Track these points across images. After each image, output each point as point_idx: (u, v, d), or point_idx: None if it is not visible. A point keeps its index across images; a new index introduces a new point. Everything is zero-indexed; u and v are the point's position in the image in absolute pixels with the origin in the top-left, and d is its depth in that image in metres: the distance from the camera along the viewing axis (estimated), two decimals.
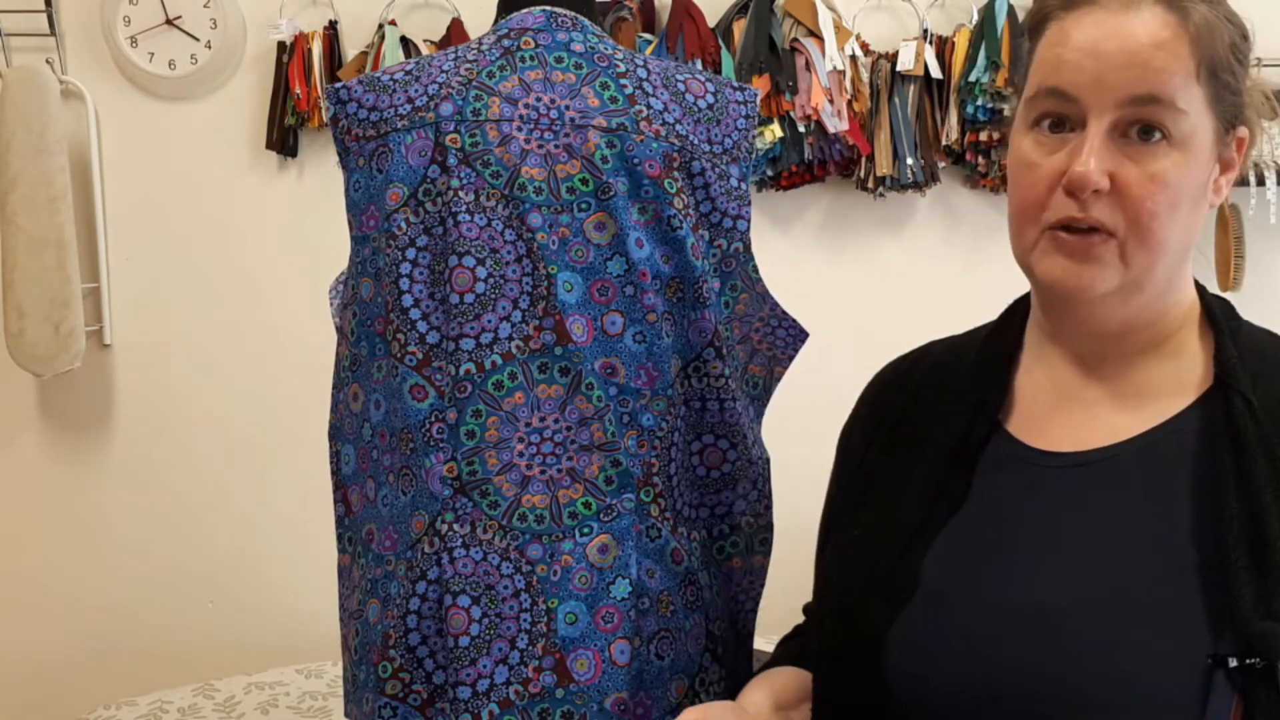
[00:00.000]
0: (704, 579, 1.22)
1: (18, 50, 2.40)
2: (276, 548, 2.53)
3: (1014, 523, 0.85)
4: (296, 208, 2.48)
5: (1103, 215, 0.79)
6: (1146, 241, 0.79)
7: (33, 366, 2.30)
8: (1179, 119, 0.78)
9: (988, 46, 2.33)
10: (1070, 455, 0.85)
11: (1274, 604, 0.72)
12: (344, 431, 1.25)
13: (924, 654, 0.82)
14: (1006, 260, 0.90)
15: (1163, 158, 0.79)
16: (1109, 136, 0.79)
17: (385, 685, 1.15)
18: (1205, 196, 0.83)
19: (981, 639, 0.80)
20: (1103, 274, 0.80)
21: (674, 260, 1.19)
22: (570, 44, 1.22)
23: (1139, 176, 0.78)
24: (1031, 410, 0.90)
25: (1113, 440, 0.84)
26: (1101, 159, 0.78)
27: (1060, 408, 0.88)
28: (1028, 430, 0.88)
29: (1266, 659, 0.70)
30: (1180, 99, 0.78)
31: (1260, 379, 0.80)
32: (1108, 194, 0.79)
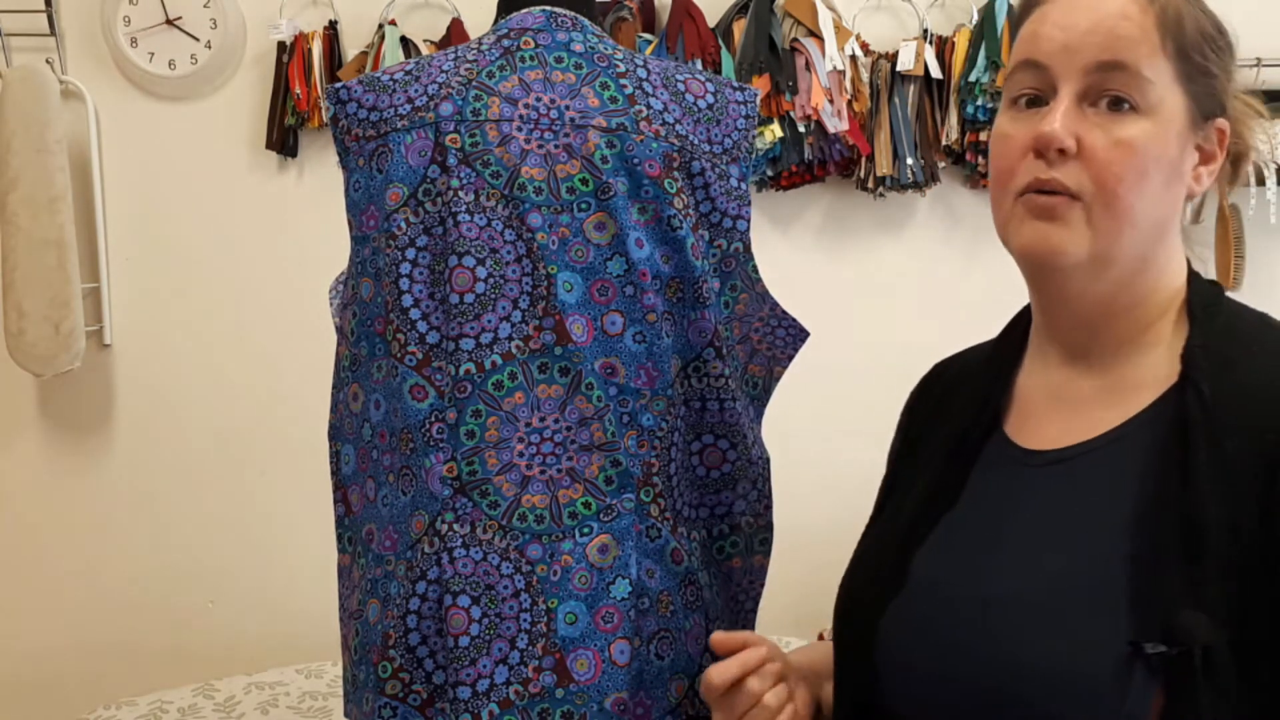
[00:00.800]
0: (704, 579, 1.22)
1: (18, 50, 2.40)
2: (276, 548, 2.53)
3: (996, 519, 0.88)
4: (296, 208, 2.48)
5: (1068, 178, 0.81)
6: (1113, 206, 0.81)
7: (33, 366, 2.30)
8: (1145, 87, 0.80)
9: (988, 46, 2.33)
10: (1052, 453, 0.87)
11: (1204, 593, 0.72)
12: (344, 431, 1.26)
13: (907, 643, 0.87)
14: (1006, 260, 0.91)
15: (1130, 125, 0.81)
16: (1078, 104, 0.82)
17: (385, 685, 1.15)
18: (1181, 179, 0.84)
19: (952, 629, 0.84)
20: (1070, 237, 0.81)
21: (674, 260, 1.19)
22: (570, 44, 1.22)
23: (1106, 142, 0.81)
24: (1027, 410, 0.92)
25: (1090, 435, 0.85)
26: (1068, 121, 0.81)
27: (1052, 406, 0.90)
28: (1021, 429, 0.91)
29: (1183, 647, 0.71)
30: (1145, 68, 0.80)
31: (1228, 366, 0.80)
32: (1075, 159, 0.81)
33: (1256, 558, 0.72)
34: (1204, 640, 0.71)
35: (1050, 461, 0.87)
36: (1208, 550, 0.73)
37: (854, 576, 0.95)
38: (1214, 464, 0.75)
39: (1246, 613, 0.72)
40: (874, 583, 0.91)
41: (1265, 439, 0.74)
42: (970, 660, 0.81)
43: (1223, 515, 0.74)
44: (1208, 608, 0.71)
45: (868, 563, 0.94)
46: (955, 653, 0.83)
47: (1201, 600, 0.72)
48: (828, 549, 1.28)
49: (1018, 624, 0.79)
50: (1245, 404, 0.77)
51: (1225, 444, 0.75)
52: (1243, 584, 0.72)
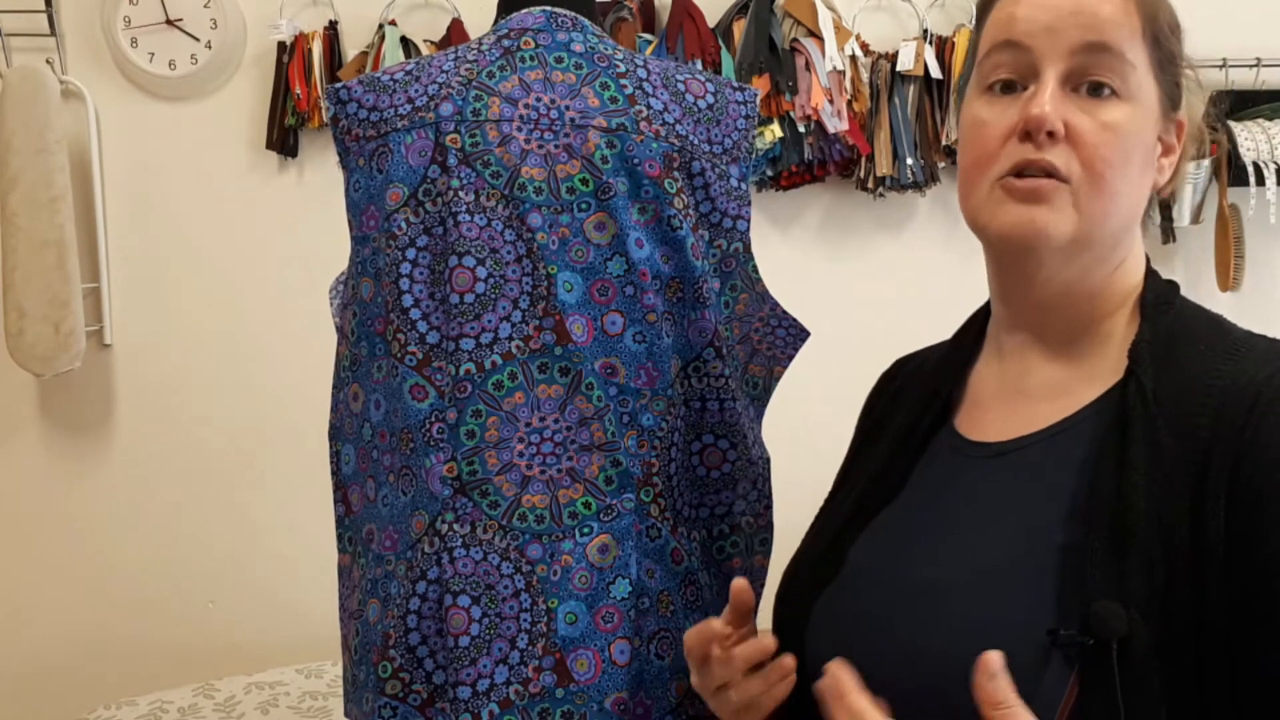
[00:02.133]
0: (704, 579, 1.22)
1: (18, 50, 2.40)
2: (276, 548, 2.53)
3: (934, 509, 0.88)
4: (296, 208, 2.48)
5: (1058, 160, 0.80)
6: (1101, 189, 0.80)
7: (33, 366, 2.30)
8: (1128, 72, 0.80)
9: None
10: (994, 445, 0.87)
11: (1127, 585, 0.72)
12: (344, 431, 1.26)
13: (836, 628, 0.87)
14: None
15: (1114, 109, 0.80)
16: (1061, 87, 0.81)
17: (385, 685, 1.15)
18: (1152, 168, 0.84)
19: (878, 615, 0.84)
20: (1057, 219, 0.80)
21: (674, 260, 1.19)
22: (570, 44, 1.22)
23: (1092, 125, 0.80)
24: (976, 403, 0.92)
25: (1033, 429, 0.85)
26: (1056, 104, 0.80)
27: (1000, 399, 0.90)
28: (968, 422, 0.91)
29: (1098, 637, 0.71)
30: (1129, 51, 0.80)
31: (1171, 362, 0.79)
32: (1063, 143, 0.80)
33: (1184, 551, 0.72)
34: (1120, 631, 0.70)
35: (993, 454, 0.87)
36: (1134, 543, 0.73)
37: (795, 562, 0.96)
38: (1148, 458, 0.75)
39: (1172, 606, 0.71)
40: (811, 568, 0.92)
41: (1198, 433, 0.74)
42: (892, 646, 0.82)
43: (1152, 509, 0.73)
44: (1130, 600, 0.71)
45: (808, 549, 0.95)
46: (878, 638, 0.83)
47: (1125, 592, 0.72)
48: None
49: (939, 611, 0.80)
50: (1182, 398, 0.77)
51: (1161, 438, 0.75)
52: (1169, 577, 0.72)
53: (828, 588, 0.89)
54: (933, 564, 0.84)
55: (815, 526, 0.98)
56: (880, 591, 0.86)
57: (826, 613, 0.89)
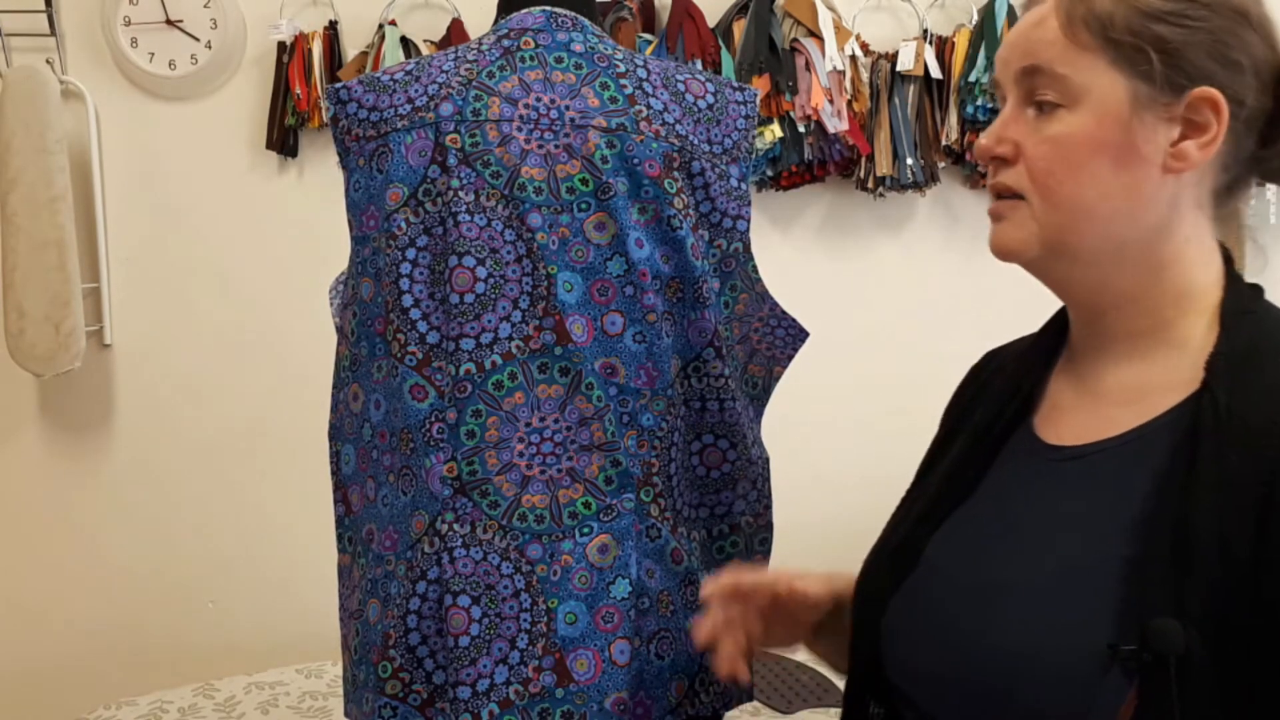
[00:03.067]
0: (704, 579, 1.22)
1: (18, 50, 2.40)
2: (276, 548, 2.53)
3: (1008, 510, 0.89)
4: (296, 208, 2.48)
5: (1009, 180, 0.86)
6: (1051, 199, 0.84)
7: (33, 366, 2.30)
8: (1061, 83, 0.83)
9: (987, 46, 2.33)
10: (1070, 449, 0.88)
11: (1188, 602, 0.72)
12: (344, 431, 1.26)
13: (910, 622, 0.90)
14: (1006, 260, 0.91)
15: (1056, 122, 0.84)
16: (1023, 110, 0.86)
17: (385, 685, 1.15)
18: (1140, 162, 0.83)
19: (950, 612, 0.86)
20: (1016, 233, 0.86)
21: (674, 260, 1.19)
22: (570, 44, 1.22)
23: (1036, 141, 0.85)
24: (1054, 404, 0.93)
25: (1109, 434, 0.85)
26: (1005, 129, 0.86)
27: (1077, 401, 0.91)
28: (1046, 424, 0.92)
29: (1156, 654, 0.71)
30: (1059, 65, 0.83)
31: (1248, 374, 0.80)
32: (1018, 162, 0.86)
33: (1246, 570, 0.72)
34: (1177, 649, 0.71)
35: (1066, 458, 0.87)
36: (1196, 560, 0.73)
37: (875, 552, 0.98)
38: (1216, 474, 0.75)
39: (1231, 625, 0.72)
40: (889, 560, 0.94)
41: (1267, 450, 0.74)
42: (961, 643, 0.83)
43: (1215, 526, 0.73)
44: (1188, 617, 0.72)
45: (887, 540, 0.98)
46: (949, 635, 0.85)
47: (1183, 609, 0.72)
48: (828, 549, 1.28)
49: (1007, 612, 0.81)
50: (1257, 412, 0.77)
51: (1231, 454, 0.75)
52: (1230, 596, 0.72)
53: (904, 582, 0.92)
54: (1001, 565, 0.85)
55: (896, 517, 1.00)
56: (951, 590, 0.88)
57: (901, 607, 0.91)
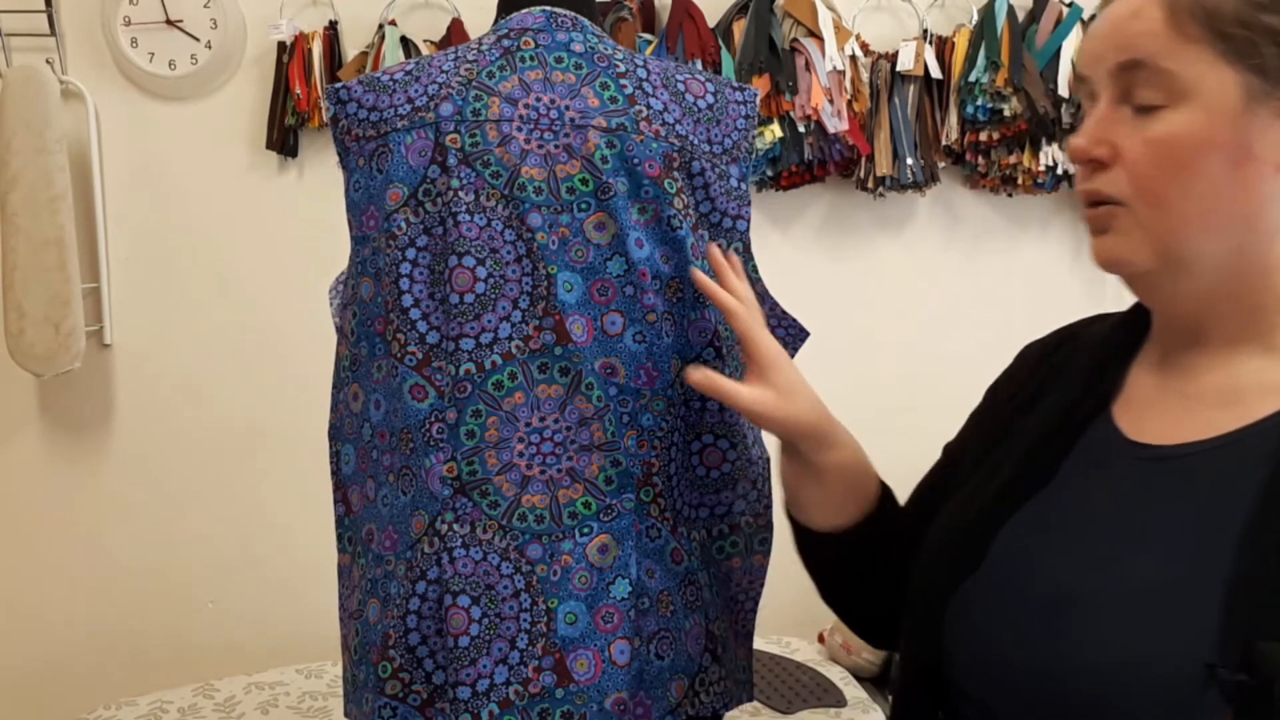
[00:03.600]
0: (704, 579, 1.22)
1: (18, 50, 2.40)
2: (276, 548, 2.53)
3: (1091, 508, 0.84)
4: (296, 208, 2.48)
5: (1105, 186, 0.80)
6: (1158, 206, 0.78)
7: (33, 366, 2.30)
8: (1167, 79, 0.78)
9: (987, 46, 2.33)
10: (1157, 449, 0.83)
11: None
12: (344, 431, 1.26)
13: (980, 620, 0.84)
14: (1006, 260, 0.91)
15: (1160, 121, 0.78)
16: (1118, 108, 0.80)
17: (385, 685, 1.15)
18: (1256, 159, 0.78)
19: (1022, 618, 0.81)
20: (1125, 243, 0.80)
21: (674, 260, 1.19)
22: (570, 44, 1.22)
23: (1138, 143, 0.79)
24: (1136, 400, 0.88)
25: (1201, 436, 0.81)
26: (1101, 129, 0.80)
27: (1161, 400, 0.86)
28: (1128, 419, 0.87)
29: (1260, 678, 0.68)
30: (1164, 59, 0.78)
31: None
32: (1116, 166, 0.80)
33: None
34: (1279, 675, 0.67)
35: (1154, 458, 0.82)
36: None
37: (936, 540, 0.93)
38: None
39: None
40: (954, 550, 0.89)
41: None
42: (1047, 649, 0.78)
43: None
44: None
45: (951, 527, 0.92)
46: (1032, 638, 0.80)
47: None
48: None
49: (1100, 621, 0.76)
50: None
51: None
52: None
53: (971, 575, 0.86)
54: (1081, 570, 0.80)
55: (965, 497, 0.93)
56: (1023, 591, 0.82)
57: (966, 604, 0.86)
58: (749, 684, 1.30)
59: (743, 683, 1.29)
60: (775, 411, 1.04)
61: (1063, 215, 2.54)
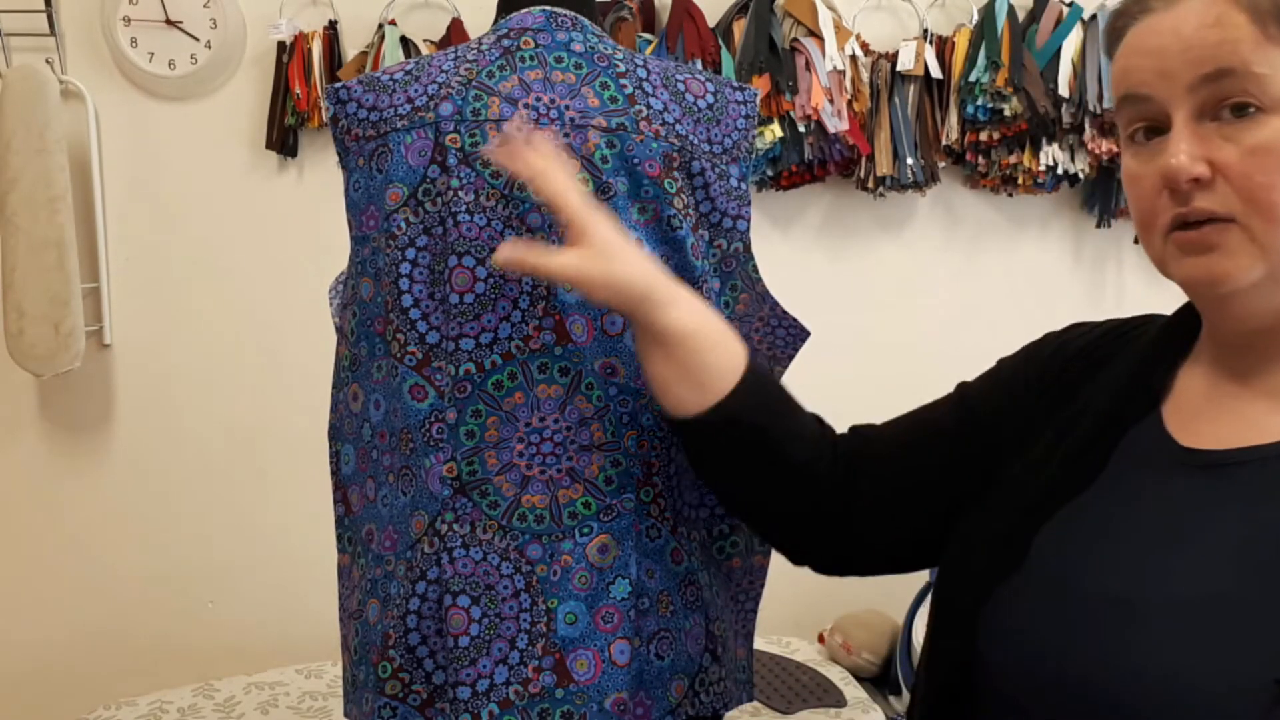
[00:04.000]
0: (704, 579, 1.22)
1: (18, 50, 2.40)
2: (276, 548, 2.53)
3: (1135, 512, 0.82)
4: (296, 208, 2.48)
5: (1212, 204, 0.76)
6: (1272, 216, 0.75)
7: (33, 366, 2.30)
8: (1263, 83, 0.75)
9: (988, 46, 2.33)
10: (1210, 454, 0.81)
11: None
12: (344, 431, 1.26)
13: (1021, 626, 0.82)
14: (1006, 260, 0.90)
15: (1261, 128, 0.75)
16: (1198, 124, 0.77)
17: (385, 685, 1.15)
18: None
19: (1067, 627, 0.79)
20: (1236, 261, 0.76)
21: (674, 260, 1.19)
22: (570, 44, 1.22)
23: (1238, 154, 0.76)
24: (1186, 403, 0.86)
25: (1258, 442, 0.79)
26: (1193, 146, 0.76)
27: (1214, 404, 0.84)
28: (1177, 422, 0.85)
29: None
30: (1255, 64, 0.75)
31: None
32: (1215, 182, 0.76)
33: None
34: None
35: (1207, 464, 0.80)
36: None
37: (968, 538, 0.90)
38: None
39: None
40: (989, 550, 0.86)
41: None
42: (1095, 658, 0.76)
43: None
44: None
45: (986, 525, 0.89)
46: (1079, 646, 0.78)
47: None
48: None
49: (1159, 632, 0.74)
50: None
51: None
52: None
53: (1008, 578, 0.84)
54: (1134, 577, 0.78)
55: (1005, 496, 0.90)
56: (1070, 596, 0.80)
57: (1003, 610, 0.83)
58: (749, 684, 1.30)
59: (743, 683, 1.29)
60: (596, 274, 0.97)
61: (1062, 215, 2.54)
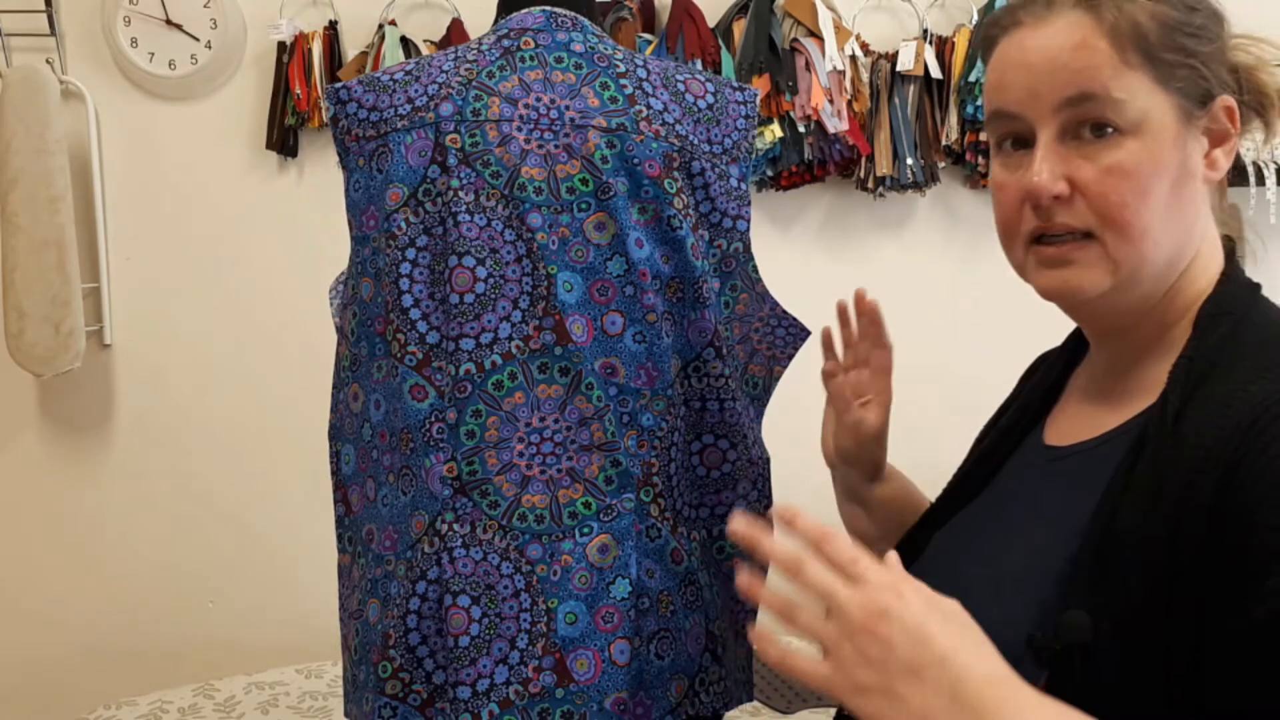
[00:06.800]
0: (704, 579, 1.22)
1: (18, 50, 2.40)
2: (276, 548, 2.53)
3: (996, 508, 0.92)
4: (296, 208, 2.48)
5: (1071, 219, 0.82)
6: (1125, 233, 0.80)
7: (33, 366, 2.30)
8: (1120, 108, 0.79)
9: None
10: (1057, 449, 0.90)
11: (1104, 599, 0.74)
12: (344, 431, 1.26)
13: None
14: (1005, 260, 0.91)
15: (1116, 149, 0.80)
16: (1061, 143, 0.81)
17: (385, 685, 1.15)
18: (1191, 177, 0.83)
19: None
20: (1090, 275, 0.82)
21: (674, 260, 1.19)
22: (570, 44, 1.22)
23: (1096, 173, 0.80)
24: (1063, 408, 0.95)
25: (1089, 436, 0.86)
26: (1054, 165, 0.81)
27: (1080, 404, 0.92)
28: (1051, 425, 0.94)
29: (1064, 644, 0.74)
30: (1115, 89, 0.79)
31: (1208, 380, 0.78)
32: (1074, 198, 0.81)
33: (1161, 571, 0.73)
34: (1084, 639, 0.73)
35: (1054, 458, 0.89)
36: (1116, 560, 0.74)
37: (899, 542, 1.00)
38: (1149, 479, 0.76)
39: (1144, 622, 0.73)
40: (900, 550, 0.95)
41: (1195, 453, 0.74)
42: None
43: (1139, 529, 0.74)
44: (1102, 612, 0.73)
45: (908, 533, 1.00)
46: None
47: (1098, 605, 0.74)
48: None
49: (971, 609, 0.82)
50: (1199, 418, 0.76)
51: (1165, 460, 0.75)
52: (1146, 595, 0.73)
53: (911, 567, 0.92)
54: (977, 562, 0.87)
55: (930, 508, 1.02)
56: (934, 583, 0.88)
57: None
58: (749, 684, 1.30)
59: (743, 683, 1.29)
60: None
61: None
